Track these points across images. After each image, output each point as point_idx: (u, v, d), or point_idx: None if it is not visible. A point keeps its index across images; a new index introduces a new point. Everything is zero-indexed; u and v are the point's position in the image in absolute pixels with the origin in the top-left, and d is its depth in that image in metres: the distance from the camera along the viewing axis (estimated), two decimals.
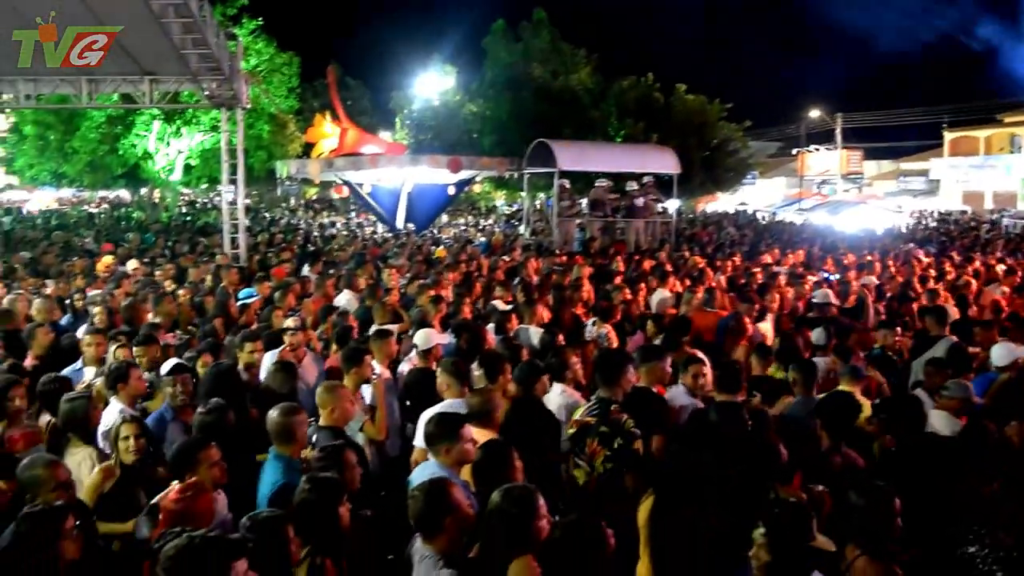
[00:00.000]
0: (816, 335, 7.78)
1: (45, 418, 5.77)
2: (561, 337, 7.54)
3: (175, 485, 4.10)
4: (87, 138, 28.72)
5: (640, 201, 20.25)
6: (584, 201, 20.93)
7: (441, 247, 17.49)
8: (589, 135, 29.68)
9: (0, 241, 20.15)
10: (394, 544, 4.24)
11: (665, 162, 21.93)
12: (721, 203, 48.63)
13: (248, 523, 3.55)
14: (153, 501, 4.23)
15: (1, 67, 15.83)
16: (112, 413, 5.62)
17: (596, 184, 20.90)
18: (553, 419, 5.58)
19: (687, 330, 7.85)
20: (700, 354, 6.55)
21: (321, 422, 5.24)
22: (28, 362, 7.14)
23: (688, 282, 11.38)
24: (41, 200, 44.23)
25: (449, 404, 5.56)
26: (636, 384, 5.57)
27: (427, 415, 5.39)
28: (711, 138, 32.99)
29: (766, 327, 9.08)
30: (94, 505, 4.63)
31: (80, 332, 7.88)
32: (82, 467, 4.98)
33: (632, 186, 20.45)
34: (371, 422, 6.00)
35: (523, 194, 27.77)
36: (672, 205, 22.78)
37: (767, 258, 15.51)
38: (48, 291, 10.56)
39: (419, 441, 5.44)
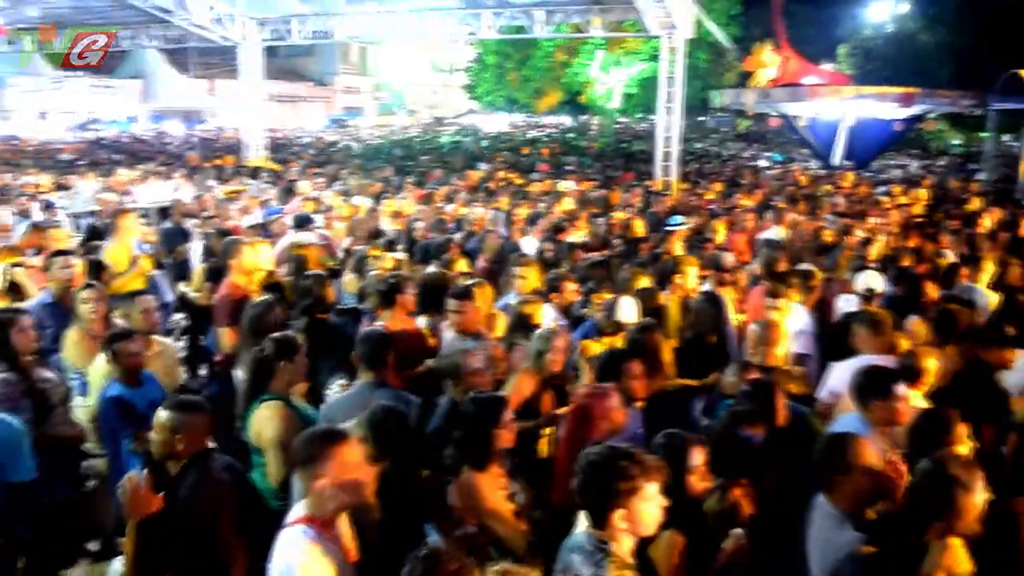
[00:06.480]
0: None
1: None
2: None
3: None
4: (537, 67, 31.02)
5: None
6: None
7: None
8: None
9: (461, 159, 22.62)
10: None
11: None
12: None
13: (662, 440, 3.63)
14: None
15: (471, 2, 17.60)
16: (546, 317, 6.05)
17: None
18: (1003, 396, 4.88)
19: None
20: None
21: (757, 359, 5.05)
22: (481, 264, 7.98)
23: None
24: (494, 124, 48.63)
25: (862, 359, 5.03)
26: None
27: (843, 366, 5.05)
28: None
29: None
30: None
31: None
32: None
33: None
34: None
35: (985, 134, 24.51)
36: None
37: None
38: (497, 204, 11.65)
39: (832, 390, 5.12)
